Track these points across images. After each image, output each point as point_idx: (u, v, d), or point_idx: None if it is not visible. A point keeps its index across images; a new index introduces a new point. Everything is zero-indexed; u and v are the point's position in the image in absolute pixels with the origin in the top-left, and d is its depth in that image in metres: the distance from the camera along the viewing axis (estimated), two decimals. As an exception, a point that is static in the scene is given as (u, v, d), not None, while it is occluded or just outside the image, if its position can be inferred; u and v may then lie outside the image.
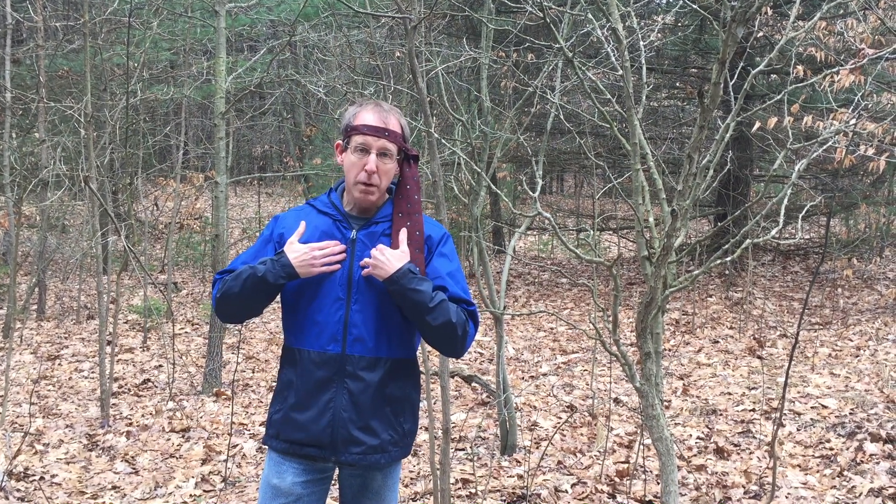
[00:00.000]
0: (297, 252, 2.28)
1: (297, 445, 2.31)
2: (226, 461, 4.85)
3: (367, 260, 2.27)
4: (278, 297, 2.40)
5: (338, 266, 2.30)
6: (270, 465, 2.38)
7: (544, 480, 4.46)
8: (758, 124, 6.84)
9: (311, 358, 2.29)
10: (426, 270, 2.33)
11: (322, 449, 2.30)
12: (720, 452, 4.78)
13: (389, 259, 2.24)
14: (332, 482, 2.56)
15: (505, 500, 4.23)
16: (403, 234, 2.30)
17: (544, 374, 6.99)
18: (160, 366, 7.47)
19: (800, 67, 6.47)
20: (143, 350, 8.18)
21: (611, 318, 2.98)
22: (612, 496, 4.22)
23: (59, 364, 7.59)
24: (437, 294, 2.26)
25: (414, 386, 2.40)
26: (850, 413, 5.43)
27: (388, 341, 2.31)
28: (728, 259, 2.94)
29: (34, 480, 4.63)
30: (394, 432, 2.33)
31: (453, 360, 6.95)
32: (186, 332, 9.00)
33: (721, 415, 5.58)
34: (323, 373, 2.28)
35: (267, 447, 2.42)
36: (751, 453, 4.79)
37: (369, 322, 2.29)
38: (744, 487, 4.25)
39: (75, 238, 11.48)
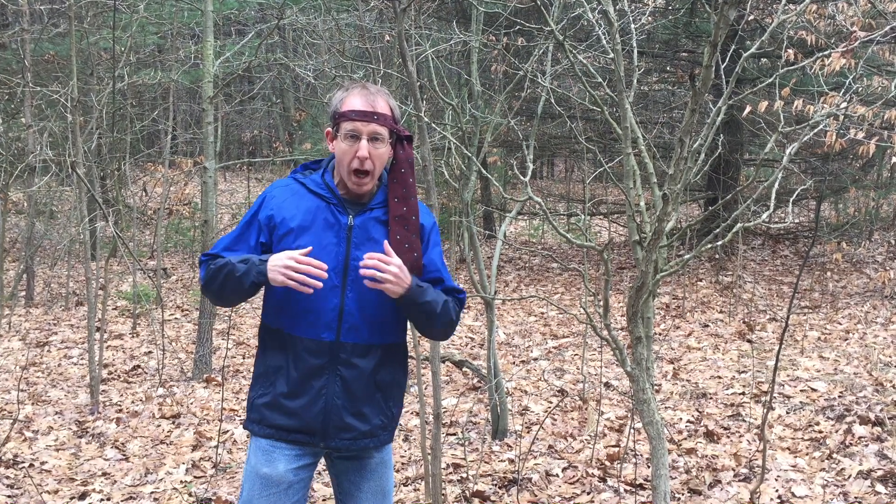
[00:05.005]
0: (279, 259, 2.19)
1: (285, 431, 2.28)
2: (216, 447, 4.84)
3: (378, 274, 2.17)
4: None
5: (308, 290, 2.18)
6: (258, 455, 2.31)
7: (535, 465, 4.47)
8: (748, 108, 6.83)
9: (305, 346, 2.25)
10: (423, 261, 2.32)
11: (312, 435, 2.28)
12: (710, 436, 4.80)
13: (405, 277, 2.20)
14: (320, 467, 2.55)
15: (496, 485, 4.24)
16: (388, 246, 2.23)
17: (535, 359, 7.00)
18: (150, 352, 7.44)
19: (790, 51, 6.45)
20: (133, 336, 8.14)
21: (602, 303, 2.98)
22: (603, 480, 4.24)
23: (49, 351, 7.55)
24: (440, 296, 2.29)
25: (403, 370, 2.40)
26: (840, 396, 5.46)
27: (381, 328, 2.30)
28: (718, 243, 2.93)
29: (23, 467, 4.61)
30: (384, 417, 2.34)
31: (444, 345, 6.94)
32: (176, 318, 8.96)
33: (711, 398, 5.60)
34: (317, 361, 2.25)
35: (251, 435, 2.37)
36: (741, 436, 4.81)
37: (364, 310, 2.27)
38: (734, 470, 4.27)
39: (63, 224, 11.40)
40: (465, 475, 4.34)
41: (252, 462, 2.33)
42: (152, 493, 4.31)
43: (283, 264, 2.17)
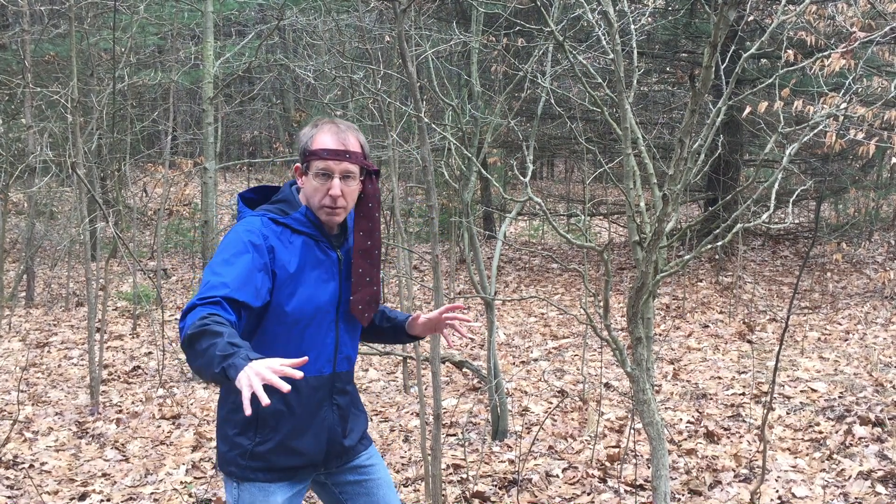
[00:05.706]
0: (260, 366, 1.71)
1: (291, 471, 2.26)
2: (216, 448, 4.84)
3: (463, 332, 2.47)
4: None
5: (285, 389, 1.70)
6: (255, 493, 2.23)
7: (535, 465, 4.47)
8: (748, 109, 6.83)
9: (309, 383, 2.24)
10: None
11: (315, 468, 2.32)
12: (710, 436, 4.80)
13: None
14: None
15: (496, 485, 4.24)
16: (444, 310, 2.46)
17: (535, 360, 7.00)
18: (150, 353, 7.44)
19: (790, 51, 6.45)
20: (133, 337, 8.14)
21: (602, 303, 2.98)
22: (603, 480, 4.24)
23: (49, 351, 7.55)
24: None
25: None
26: (840, 396, 5.46)
27: (357, 350, 2.43)
28: (718, 244, 2.93)
29: (23, 468, 4.61)
30: (365, 420, 2.45)
31: (444, 345, 6.94)
32: (176, 319, 8.97)
33: (711, 399, 5.60)
34: (319, 395, 2.28)
35: (239, 481, 2.25)
36: (741, 437, 4.81)
37: (353, 339, 2.36)
38: (734, 471, 4.27)
39: (63, 225, 11.40)
40: (465, 476, 4.34)
41: (247, 500, 2.25)
42: (152, 493, 4.31)
43: (257, 373, 1.70)
